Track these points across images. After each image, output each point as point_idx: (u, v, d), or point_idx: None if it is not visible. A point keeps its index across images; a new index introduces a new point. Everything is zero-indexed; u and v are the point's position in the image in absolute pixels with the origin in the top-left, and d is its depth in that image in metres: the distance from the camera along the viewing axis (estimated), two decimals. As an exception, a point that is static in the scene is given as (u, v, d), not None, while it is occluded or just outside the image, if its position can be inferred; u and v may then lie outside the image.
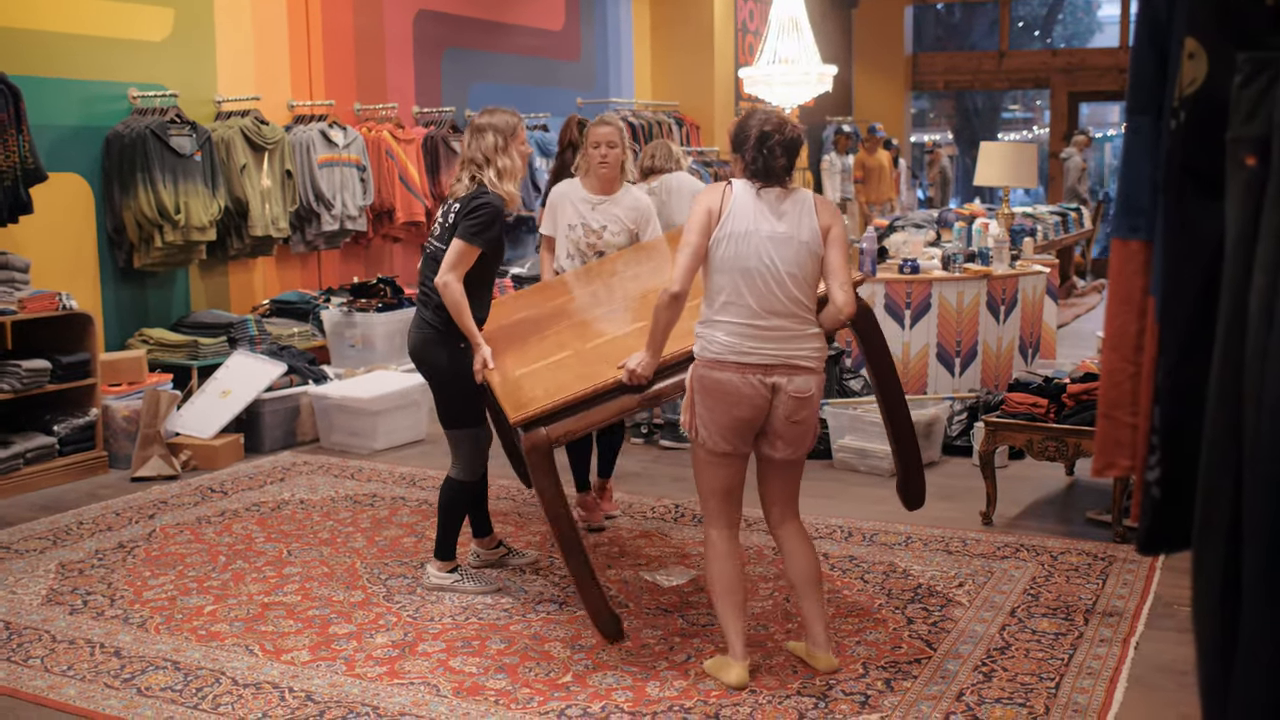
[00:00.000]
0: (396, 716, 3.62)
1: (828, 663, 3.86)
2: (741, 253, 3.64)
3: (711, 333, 3.68)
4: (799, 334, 3.69)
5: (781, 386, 3.66)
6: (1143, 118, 1.97)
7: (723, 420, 3.68)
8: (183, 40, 7.82)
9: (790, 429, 3.73)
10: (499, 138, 4.57)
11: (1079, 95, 17.79)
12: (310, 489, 6.26)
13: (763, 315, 3.64)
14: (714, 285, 3.70)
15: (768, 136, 3.70)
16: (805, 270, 3.69)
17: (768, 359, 3.65)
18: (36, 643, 4.25)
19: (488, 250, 4.53)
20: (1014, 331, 7.94)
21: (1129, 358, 2.02)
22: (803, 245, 3.67)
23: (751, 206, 3.68)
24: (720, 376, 3.65)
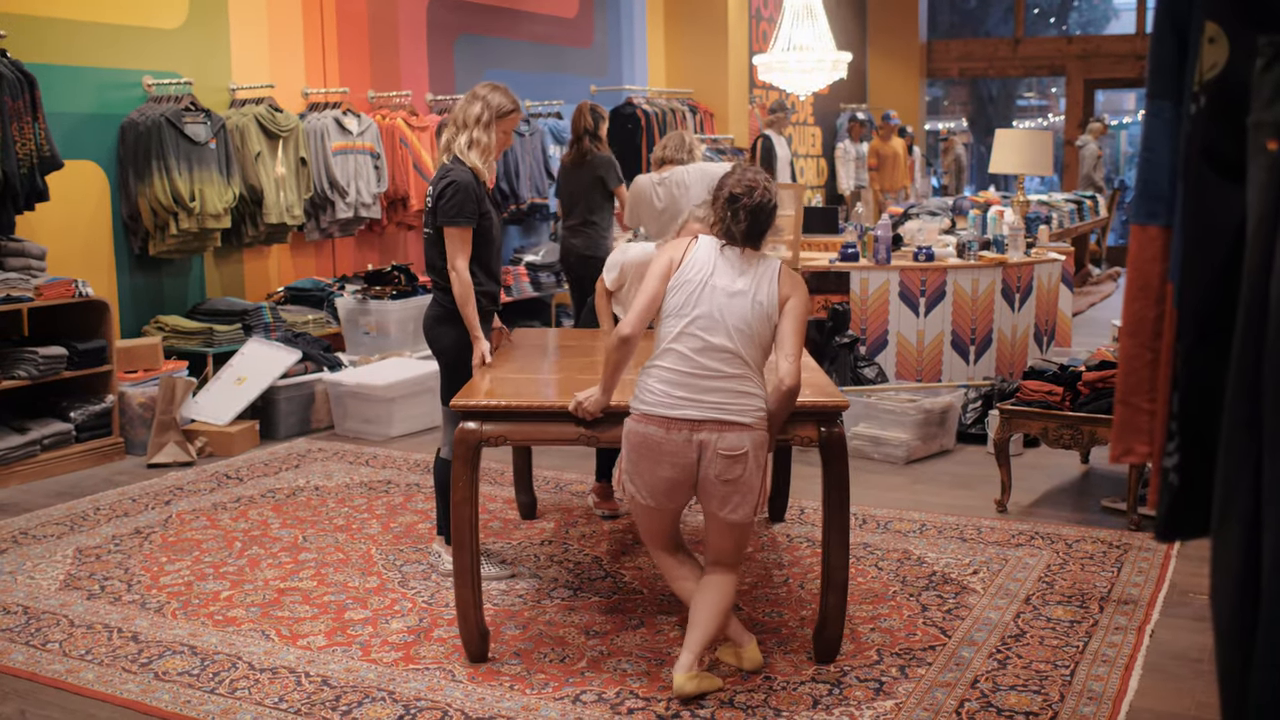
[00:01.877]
0: (412, 701, 3.63)
1: (754, 659, 3.78)
2: (691, 300, 3.57)
3: (645, 380, 3.60)
4: (736, 390, 3.54)
5: (709, 444, 3.50)
6: (1163, 103, 1.96)
7: (648, 478, 3.59)
8: (197, 28, 7.82)
9: (722, 489, 3.55)
10: (486, 112, 4.59)
11: (1094, 82, 17.71)
12: (325, 475, 6.28)
13: (699, 360, 3.52)
14: (660, 332, 3.63)
15: (735, 199, 3.63)
16: (754, 329, 3.57)
17: (696, 413, 3.50)
18: (55, 627, 4.27)
19: (475, 225, 4.54)
20: (1029, 319, 7.92)
21: (1147, 344, 2.01)
22: (757, 305, 3.57)
23: (711, 260, 3.62)
24: (646, 431, 3.55)
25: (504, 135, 4.66)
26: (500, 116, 4.61)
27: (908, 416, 6.40)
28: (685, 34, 13.11)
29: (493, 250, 4.68)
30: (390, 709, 3.59)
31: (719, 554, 3.73)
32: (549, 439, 3.90)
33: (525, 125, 10.00)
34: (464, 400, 3.80)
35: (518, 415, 3.80)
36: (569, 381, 4.28)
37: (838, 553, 3.77)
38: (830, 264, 7.75)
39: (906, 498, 5.72)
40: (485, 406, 3.79)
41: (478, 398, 3.84)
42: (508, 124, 4.65)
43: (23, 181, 6.22)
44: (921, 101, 18.35)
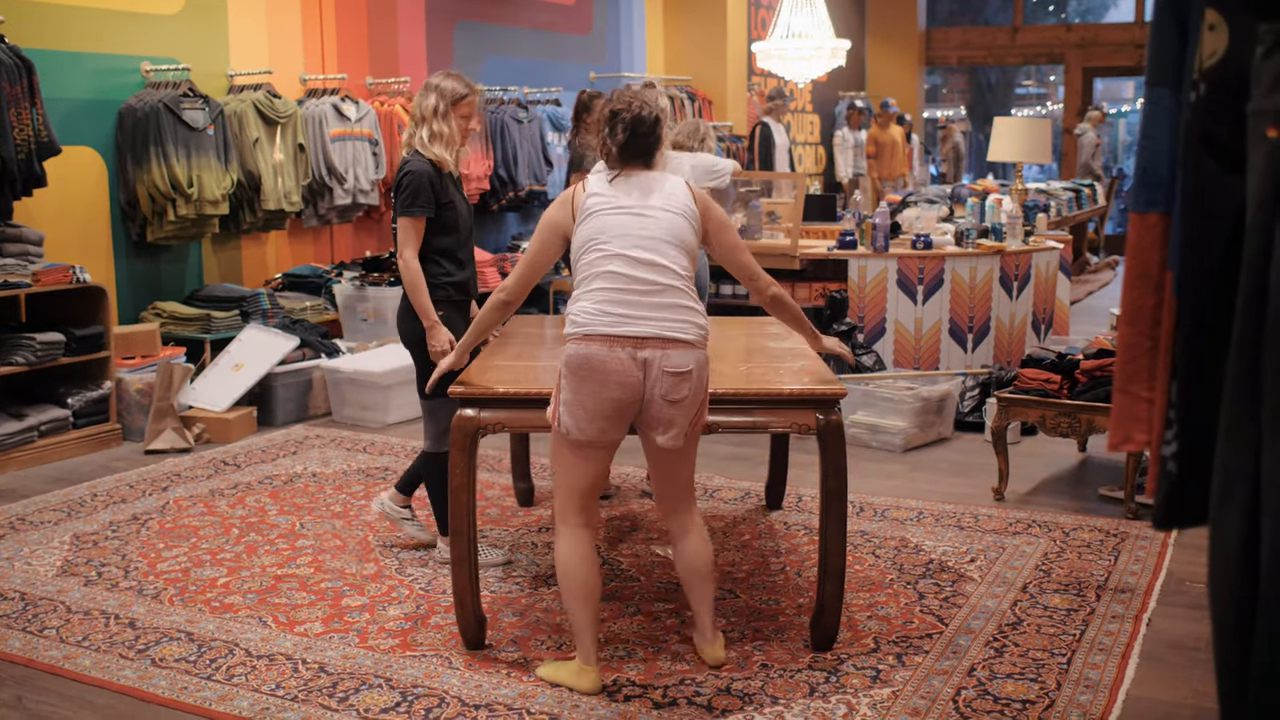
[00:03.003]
0: (409, 688, 3.64)
1: (715, 656, 3.74)
2: (605, 228, 3.45)
3: (577, 307, 3.45)
4: (675, 304, 3.43)
5: (653, 361, 3.37)
6: (1162, 90, 1.95)
7: (590, 402, 3.39)
8: (196, 14, 7.80)
9: (668, 410, 3.43)
10: (441, 102, 4.57)
11: (1093, 70, 17.69)
12: (323, 462, 6.28)
13: (632, 275, 3.40)
14: (580, 267, 3.49)
15: (615, 115, 3.53)
16: (679, 237, 3.48)
17: (638, 330, 3.37)
18: (52, 613, 4.27)
19: (431, 215, 4.54)
20: (1027, 307, 7.92)
21: (1146, 332, 2.01)
22: (676, 213, 3.50)
23: (609, 190, 3.52)
24: (588, 352, 3.37)
25: (463, 121, 4.62)
26: (455, 103, 4.59)
27: (905, 404, 6.41)
28: (684, 21, 13.09)
29: (459, 239, 4.66)
30: (387, 696, 3.59)
31: (675, 489, 3.65)
32: (548, 426, 3.90)
33: (524, 112, 9.98)
34: (462, 388, 3.79)
35: (516, 402, 3.78)
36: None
37: (835, 541, 3.77)
38: (828, 252, 7.75)
39: (904, 485, 5.73)
40: (484, 393, 3.77)
41: (476, 385, 3.82)
42: (465, 109, 4.62)
43: (20, 167, 6.20)
44: (920, 89, 18.33)
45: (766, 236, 8.27)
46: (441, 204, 4.54)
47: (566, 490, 3.57)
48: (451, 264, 4.62)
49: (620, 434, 3.51)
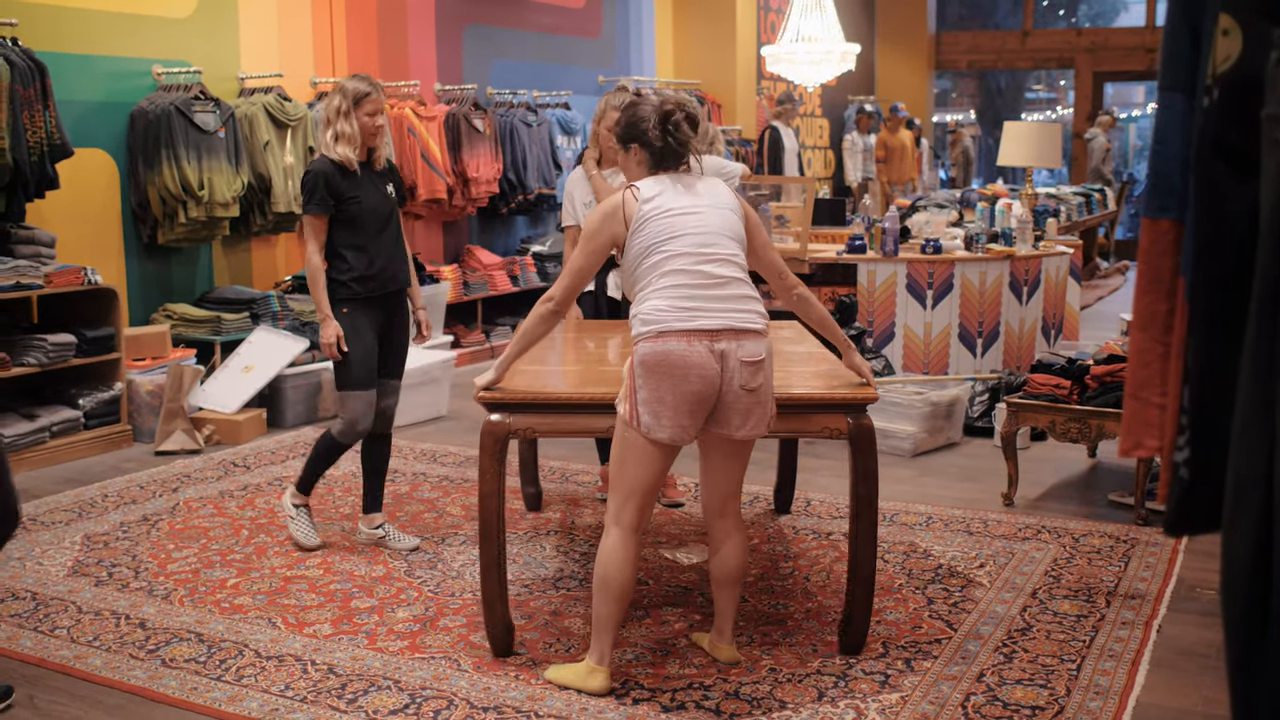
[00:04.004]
0: (418, 690, 3.64)
1: (730, 655, 3.79)
2: (666, 228, 3.48)
3: (649, 304, 3.45)
4: (742, 295, 3.49)
5: (730, 353, 3.41)
6: (1175, 95, 1.94)
7: (671, 398, 3.40)
8: (207, 17, 7.82)
9: (746, 399, 3.46)
10: (345, 102, 4.73)
11: (1104, 75, 17.67)
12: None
13: (701, 270, 3.44)
14: (642, 271, 3.51)
15: (670, 114, 3.57)
16: (735, 231, 3.56)
17: (712, 323, 3.40)
18: (63, 613, 4.28)
19: (329, 212, 4.69)
20: (1037, 312, 7.91)
21: (1158, 338, 2.01)
22: (727, 209, 3.57)
23: (663, 189, 3.54)
24: (666, 348, 3.38)
25: (368, 119, 4.75)
26: (358, 102, 4.73)
27: (914, 409, 6.40)
28: (693, 25, 13.10)
29: (368, 234, 4.77)
30: (396, 698, 3.59)
31: (734, 483, 3.69)
32: (577, 431, 3.92)
33: (533, 116, 10.00)
34: (491, 395, 3.77)
35: (547, 408, 3.76)
36: (590, 373, 4.28)
37: (865, 546, 3.77)
38: (837, 256, 7.74)
39: (913, 490, 5.72)
40: (514, 399, 3.76)
41: (505, 390, 3.78)
42: (369, 107, 4.75)
43: (33, 169, 6.23)
44: (930, 93, 18.32)
45: (776, 240, 8.27)
46: (344, 201, 4.70)
47: (628, 492, 3.53)
48: (357, 259, 4.75)
49: (695, 432, 3.52)
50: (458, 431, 7.02)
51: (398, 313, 4.95)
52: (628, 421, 3.48)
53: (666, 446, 3.49)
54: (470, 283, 9.36)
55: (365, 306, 4.77)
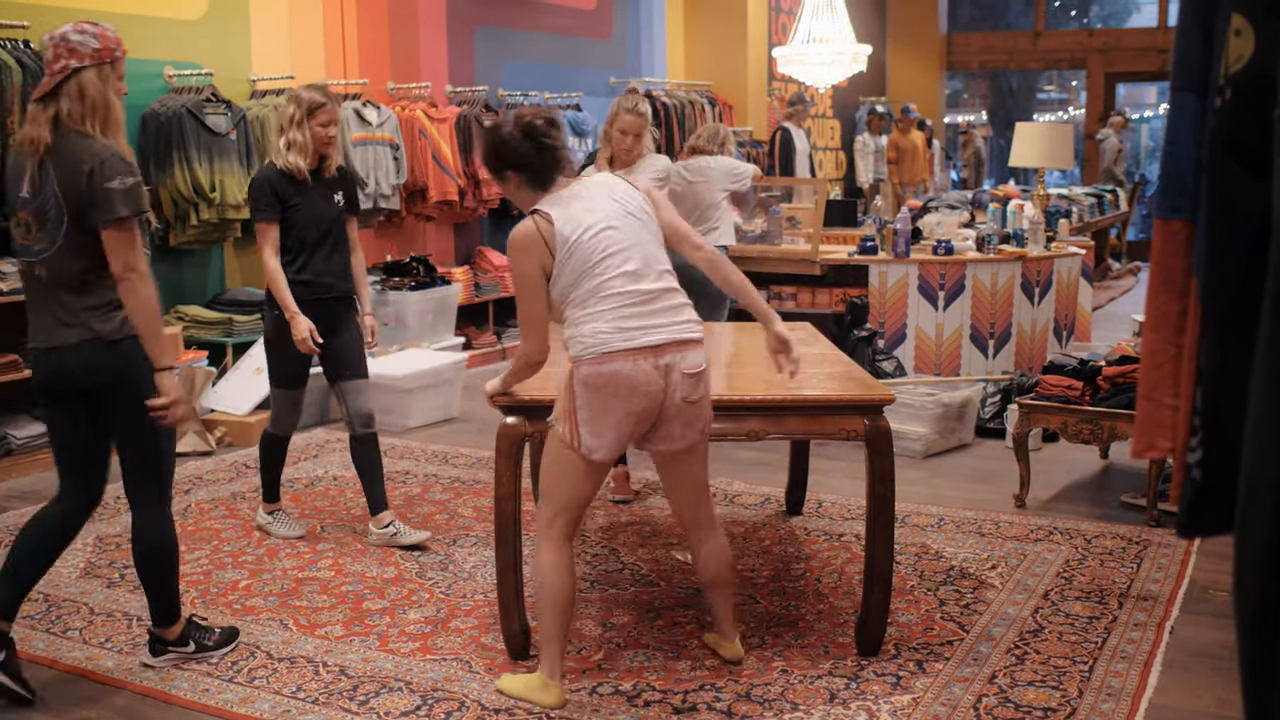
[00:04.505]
0: (429, 691, 3.64)
1: (734, 652, 3.79)
2: (592, 249, 3.38)
3: (588, 327, 3.36)
4: (677, 304, 3.45)
5: (674, 365, 3.37)
6: (1187, 96, 1.94)
7: (614, 419, 3.36)
8: (218, 19, 7.84)
9: (687, 411, 3.43)
10: (298, 111, 4.83)
11: (1116, 76, 17.62)
12: (343, 466, 6.29)
13: (634, 289, 3.37)
14: (575, 297, 3.41)
15: (532, 126, 3.45)
16: (654, 232, 3.51)
17: (656, 338, 3.35)
18: (75, 615, 4.29)
19: (274, 218, 4.82)
20: (1048, 313, 7.89)
21: (1170, 339, 2.00)
22: (638, 211, 3.49)
23: (569, 210, 3.42)
24: (612, 368, 3.32)
25: (320, 129, 4.85)
26: (312, 112, 4.83)
27: (926, 410, 6.39)
28: (704, 26, 13.09)
29: (306, 241, 4.88)
30: (407, 699, 3.60)
31: (695, 497, 3.63)
32: None
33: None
34: (507, 397, 3.78)
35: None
36: None
37: (882, 547, 3.77)
38: (849, 257, 7.73)
39: (924, 492, 5.71)
40: (529, 401, 3.75)
41: (519, 394, 3.78)
42: (322, 117, 4.85)
43: (44, 171, 6.23)
44: (941, 94, 18.29)
45: (787, 242, 8.26)
46: (288, 207, 4.84)
47: (563, 505, 3.49)
48: (297, 264, 4.88)
49: (632, 442, 3.49)
50: (469, 433, 7.02)
51: (342, 316, 5.03)
52: (566, 442, 3.42)
53: (605, 463, 3.48)
54: (481, 284, 9.37)
55: (305, 309, 4.85)
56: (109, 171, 3.44)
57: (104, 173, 3.43)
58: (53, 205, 3.48)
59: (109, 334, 3.54)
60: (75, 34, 3.56)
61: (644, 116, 5.57)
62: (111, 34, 3.61)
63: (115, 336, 3.55)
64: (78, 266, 3.52)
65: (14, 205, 3.59)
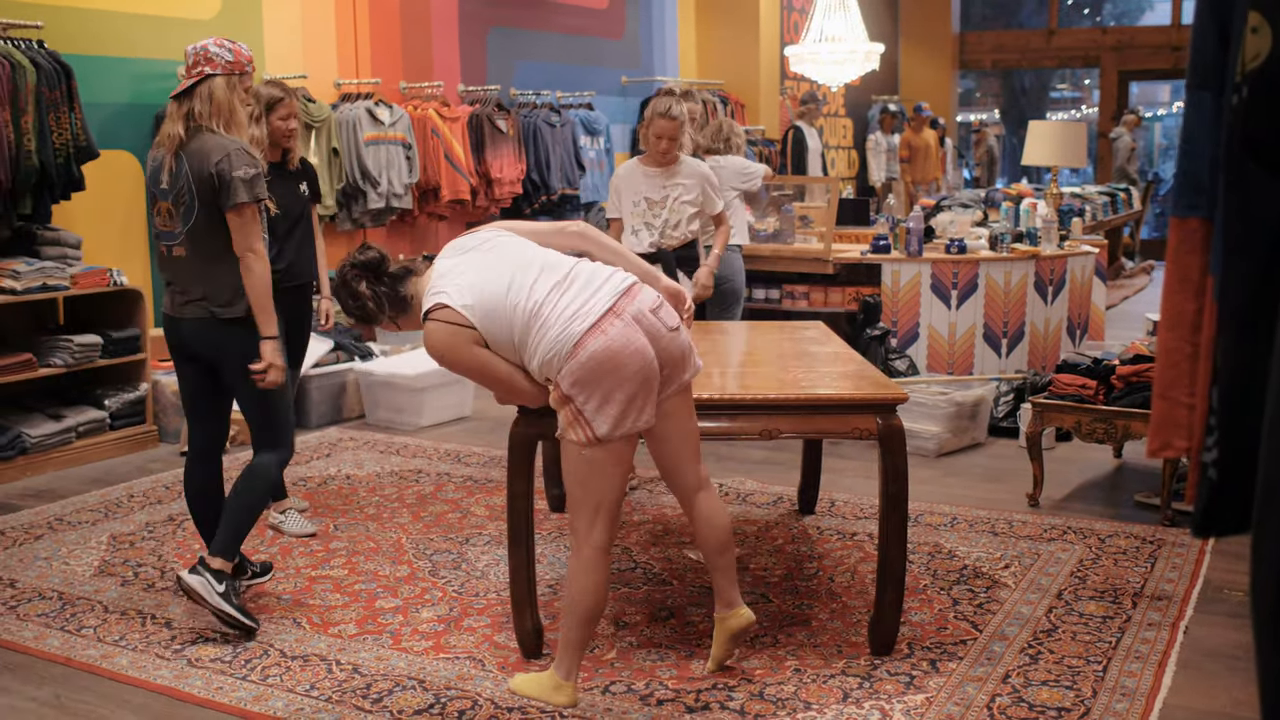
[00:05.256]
0: (442, 690, 3.65)
1: (744, 618, 3.66)
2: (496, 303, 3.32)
3: (545, 344, 3.27)
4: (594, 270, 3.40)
5: (637, 311, 3.30)
6: (1203, 93, 1.93)
7: (621, 394, 3.25)
8: (231, 19, 7.86)
9: (674, 342, 3.37)
10: (257, 107, 5.00)
11: (1129, 74, 17.57)
12: (356, 465, 6.30)
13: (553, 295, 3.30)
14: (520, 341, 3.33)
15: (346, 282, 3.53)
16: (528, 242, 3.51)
17: (603, 303, 3.28)
18: (89, 613, 4.31)
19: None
20: (1062, 312, 7.87)
21: (1186, 337, 1.99)
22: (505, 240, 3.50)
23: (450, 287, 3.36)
24: (588, 352, 3.22)
25: (280, 123, 5.04)
26: (271, 107, 5.01)
27: (939, 409, 6.38)
28: (717, 25, 13.08)
29: (276, 232, 5.03)
30: (421, 697, 3.60)
31: (687, 445, 3.55)
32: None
33: (556, 116, 10.00)
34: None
35: None
36: None
37: (895, 546, 3.77)
38: (861, 256, 7.73)
39: (937, 491, 5.70)
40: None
41: None
42: (281, 111, 5.04)
43: (59, 171, 6.27)
44: (954, 93, 18.25)
45: (800, 241, 8.26)
46: None
47: (595, 507, 3.36)
48: (271, 254, 4.91)
49: (653, 411, 3.37)
50: (481, 431, 7.03)
51: (304, 306, 5.28)
52: (587, 442, 3.30)
53: (628, 442, 3.35)
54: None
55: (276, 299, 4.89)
56: (235, 162, 3.99)
57: (231, 164, 3.98)
58: (187, 193, 4.04)
59: (223, 313, 4.10)
60: (215, 46, 4.11)
61: (677, 120, 5.59)
62: (245, 52, 4.19)
63: (228, 315, 4.10)
64: (205, 249, 4.08)
65: (155, 196, 4.16)
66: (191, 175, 4.01)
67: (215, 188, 3.99)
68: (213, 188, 3.99)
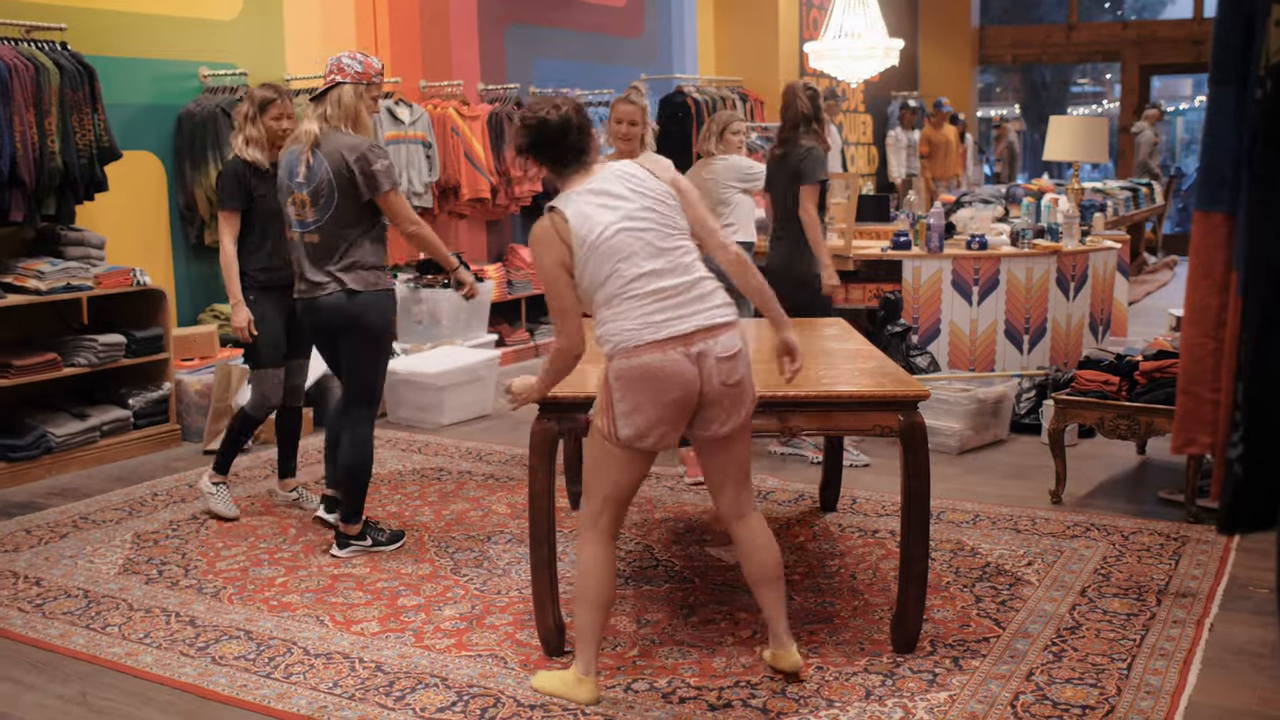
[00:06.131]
0: (464, 688, 3.66)
1: (793, 662, 3.63)
2: (611, 250, 3.35)
3: (616, 325, 3.36)
4: (705, 292, 3.39)
5: (707, 351, 3.33)
6: (1226, 88, 1.92)
7: (652, 410, 3.34)
8: (252, 19, 7.89)
9: (727, 394, 3.39)
10: (251, 108, 5.14)
11: (1150, 68, 17.48)
12: (378, 463, 6.32)
13: (660, 282, 3.35)
14: (602, 295, 3.39)
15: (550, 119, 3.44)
16: (676, 224, 3.44)
17: (684, 327, 3.32)
18: (114, 611, 4.33)
19: (239, 208, 5.11)
20: (1084, 308, 7.84)
21: (1210, 333, 1.99)
22: (657, 202, 3.42)
23: (586, 206, 3.38)
24: (642, 361, 3.31)
25: (273, 123, 5.13)
26: (263, 108, 5.12)
27: (960, 406, 6.36)
28: (735, 22, 13.07)
29: (273, 229, 5.09)
30: (443, 695, 3.61)
31: (740, 477, 3.57)
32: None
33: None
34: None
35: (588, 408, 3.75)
36: None
37: (917, 544, 3.76)
38: (882, 252, 7.71)
39: (960, 488, 5.69)
40: (563, 399, 3.75)
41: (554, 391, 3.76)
42: (273, 112, 5.14)
43: (82, 172, 6.30)
44: (974, 88, 18.19)
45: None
46: (255, 198, 5.11)
47: (605, 499, 3.49)
48: (260, 254, 5.17)
49: (677, 437, 3.46)
50: (502, 430, 7.04)
51: (279, 307, 5.27)
52: (607, 435, 3.41)
53: (646, 453, 3.45)
54: (514, 281, 9.39)
55: (270, 295, 5.19)
56: (371, 158, 4.60)
57: (368, 159, 4.59)
58: (325, 186, 4.59)
59: (352, 287, 4.63)
60: (347, 59, 4.68)
61: (638, 105, 5.67)
62: (376, 65, 4.73)
63: (356, 288, 4.64)
64: (340, 234, 4.63)
65: (289, 190, 4.68)
66: (330, 170, 4.57)
67: (355, 181, 4.57)
68: (352, 181, 4.57)
